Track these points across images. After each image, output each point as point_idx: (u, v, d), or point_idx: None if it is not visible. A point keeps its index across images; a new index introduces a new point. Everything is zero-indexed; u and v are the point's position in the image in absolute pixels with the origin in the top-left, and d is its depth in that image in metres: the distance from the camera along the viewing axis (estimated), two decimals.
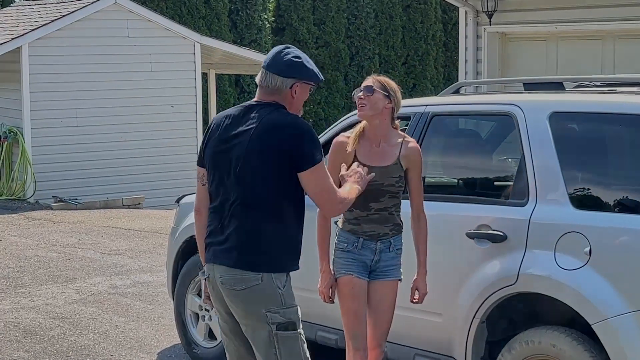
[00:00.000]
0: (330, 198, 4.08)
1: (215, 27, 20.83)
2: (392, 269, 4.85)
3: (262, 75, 4.11)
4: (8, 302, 8.20)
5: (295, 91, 4.10)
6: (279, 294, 3.96)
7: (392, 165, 4.75)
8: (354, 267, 4.79)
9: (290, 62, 4.09)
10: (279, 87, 4.08)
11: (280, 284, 3.98)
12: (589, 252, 4.46)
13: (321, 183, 4.02)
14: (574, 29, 11.64)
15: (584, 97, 5.03)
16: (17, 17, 17.61)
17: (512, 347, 4.75)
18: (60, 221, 13.25)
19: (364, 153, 4.76)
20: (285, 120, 4.01)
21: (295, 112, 4.13)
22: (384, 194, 4.75)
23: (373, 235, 4.77)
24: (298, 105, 4.15)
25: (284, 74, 4.08)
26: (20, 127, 15.51)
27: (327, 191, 4.05)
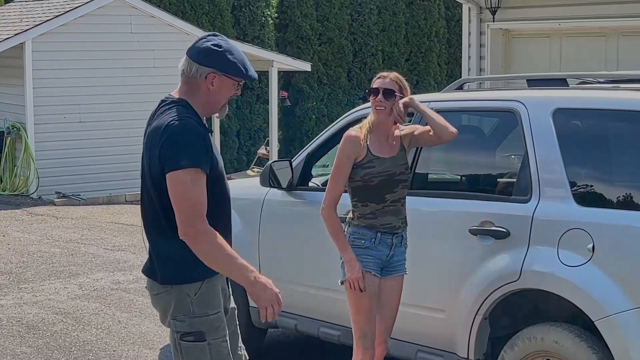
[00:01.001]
0: (190, 215, 3.54)
1: (218, 23, 20.80)
2: (402, 264, 4.93)
3: (183, 61, 3.76)
4: (11, 298, 8.21)
5: (212, 83, 3.69)
6: (188, 302, 3.67)
7: (400, 154, 4.89)
8: (370, 264, 4.81)
9: (209, 50, 3.69)
10: (193, 75, 3.69)
11: (191, 292, 3.68)
12: (592, 248, 4.46)
13: (181, 193, 3.54)
14: (577, 26, 11.62)
15: (587, 94, 5.03)
16: (21, 12, 17.60)
17: (514, 343, 4.75)
18: (63, 217, 13.26)
19: (376, 146, 4.85)
20: (163, 123, 3.61)
21: (212, 108, 3.77)
22: (397, 184, 4.84)
23: (390, 228, 4.82)
24: (216, 101, 3.74)
25: (200, 61, 3.68)
26: (24, 122, 15.51)
27: (187, 206, 3.54)
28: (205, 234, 3.55)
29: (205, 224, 3.56)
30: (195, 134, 3.59)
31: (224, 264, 3.61)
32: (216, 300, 3.74)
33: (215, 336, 3.72)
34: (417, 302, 5.19)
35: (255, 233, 6.20)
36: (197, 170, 3.55)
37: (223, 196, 3.79)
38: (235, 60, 3.70)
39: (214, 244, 3.57)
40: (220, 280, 3.80)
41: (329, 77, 22.76)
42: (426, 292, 5.16)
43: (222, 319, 3.76)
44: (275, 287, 3.66)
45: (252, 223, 6.21)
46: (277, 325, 6.26)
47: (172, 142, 3.56)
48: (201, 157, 3.57)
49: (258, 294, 3.63)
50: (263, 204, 6.19)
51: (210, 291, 3.72)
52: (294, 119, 22.64)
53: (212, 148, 3.68)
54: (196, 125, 3.62)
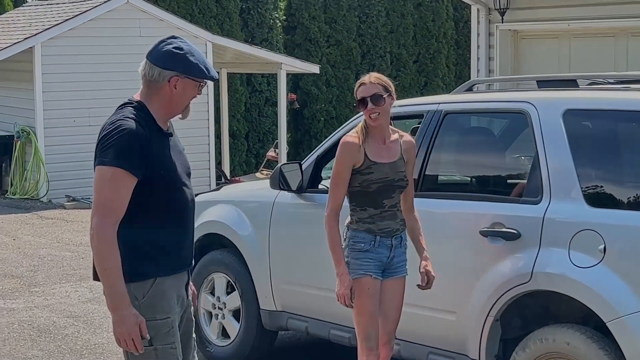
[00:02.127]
0: (97, 208, 3.59)
1: (226, 26, 20.83)
2: (402, 265, 4.90)
3: (143, 64, 3.77)
4: (22, 301, 8.23)
5: (175, 86, 3.72)
6: (137, 306, 3.63)
7: (399, 160, 4.83)
8: (371, 267, 4.78)
9: (171, 53, 3.72)
10: (156, 79, 3.72)
11: (139, 295, 3.66)
12: (603, 249, 4.45)
13: (97, 187, 3.62)
14: (586, 27, 11.60)
15: (597, 95, 5.02)
16: (30, 17, 17.66)
17: (526, 345, 4.74)
18: (73, 220, 13.29)
19: (373, 151, 4.79)
20: (105, 123, 3.72)
21: (174, 110, 3.78)
22: (394, 190, 4.80)
23: (388, 231, 4.80)
24: (179, 102, 3.76)
25: (162, 64, 3.71)
26: (33, 126, 15.56)
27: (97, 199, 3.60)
28: (100, 236, 3.56)
29: (107, 226, 3.57)
30: (128, 136, 3.61)
31: (103, 275, 3.59)
32: (166, 304, 3.73)
33: (163, 342, 3.71)
34: (427, 304, 5.19)
35: (265, 236, 6.20)
36: (120, 170, 3.59)
37: (176, 204, 3.77)
38: (197, 61, 3.73)
39: (103, 251, 3.56)
40: (174, 287, 3.78)
41: (337, 79, 22.76)
42: (437, 293, 5.14)
43: (171, 325, 3.73)
44: (133, 329, 3.56)
45: (262, 226, 6.21)
46: (288, 328, 6.26)
47: (103, 140, 3.64)
48: (129, 159, 3.59)
49: (114, 323, 3.61)
50: (273, 206, 6.19)
51: (159, 295, 3.72)
52: (302, 121, 22.65)
53: (159, 152, 3.69)
54: (133, 127, 3.64)
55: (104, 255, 3.57)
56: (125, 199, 3.61)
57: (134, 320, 3.58)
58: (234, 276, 6.38)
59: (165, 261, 3.74)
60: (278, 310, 6.21)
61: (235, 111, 21.16)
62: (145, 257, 3.69)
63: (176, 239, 3.78)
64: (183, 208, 3.80)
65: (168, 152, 3.76)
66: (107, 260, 3.56)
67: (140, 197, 3.65)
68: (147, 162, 3.64)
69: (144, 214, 3.69)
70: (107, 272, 3.57)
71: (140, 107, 3.74)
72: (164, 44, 3.76)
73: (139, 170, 3.62)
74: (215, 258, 6.51)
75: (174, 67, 3.71)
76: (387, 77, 4.85)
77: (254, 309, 6.30)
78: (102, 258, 3.57)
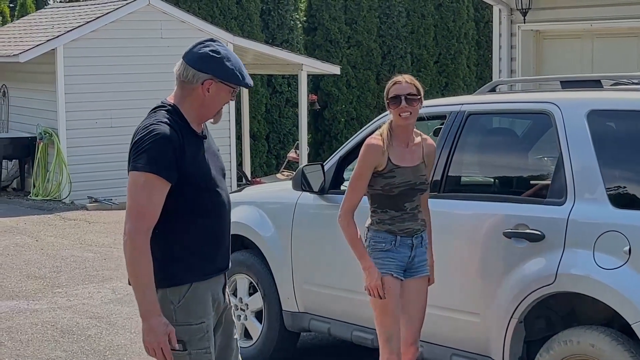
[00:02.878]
0: (130, 214, 3.57)
1: (247, 27, 20.86)
2: (424, 265, 4.91)
3: (178, 65, 3.74)
4: (45, 302, 8.27)
5: (208, 89, 3.68)
6: (172, 310, 3.63)
7: (421, 164, 4.84)
8: (392, 266, 4.79)
9: (207, 56, 3.67)
10: (189, 80, 3.68)
11: (174, 299, 3.65)
12: (628, 251, 4.42)
13: (130, 193, 3.59)
14: (609, 27, 11.54)
15: (622, 95, 4.98)
16: (52, 19, 17.75)
17: (550, 347, 4.71)
18: (95, 221, 13.35)
19: (396, 154, 4.78)
20: (138, 127, 3.69)
21: (206, 114, 3.75)
22: (416, 193, 4.81)
23: (409, 231, 4.81)
24: (211, 106, 3.73)
25: (198, 66, 3.67)
26: (56, 128, 15.64)
27: (130, 205, 3.58)
28: (133, 243, 3.54)
29: (139, 232, 3.54)
30: (162, 141, 3.59)
31: (134, 282, 3.58)
32: (200, 309, 3.71)
33: (197, 347, 3.68)
34: (451, 306, 5.17)
35: (287, 237, 6.20)
36: (153, 176, 3.56)
37: (211, 207, 3.75)
38: (233, 67, 3.69)
39: (135, 258, 3.55)
40: (210, 291, 3.75)
41: (357, 80, 22.74)
42: (461, 295, 5.13)
43: (205, 329, 3.71)
44: (162, 338, 3.53)
45: (284, 227, 6.21)
46: (310, 329, 6.26)
47: (137, 145, 3.62)
48: (162, 164, 3.57)
49: (143, 331, 3.59)
50: (295, 207, 6.18)
51: (195, 300, 3.69)
52: (323, 122, 22.64)
53: (192, 156, 3.66)
54: (167, 132, 3.61)
55: (136, 262, 3.55)
56: (159, 205, 3.59)
57: (164, 329, 3.55)
58: (256, 277, 6.38)
59: (200, 266, 3.71)
60: (300, 312, 6.20)
61: (256, 112, 21.18)
62: (180, 262, 3.67)
63: (212, 243, 3.75)
64: (218, 211, 3.78)
65: (202, 155, 3.73)
66: (139, 267, 3.55)
67: (175, 202, 3.63)
68: (181, 167, 3.62)
69: (179, 218, 3.66)
70: (138, 279, 3.56)
71: (173, 110, 3.71)
72: (201, 45, 3.72)
73: (172, 175, 3.60)
74: (238, 259, 6.51)
75: (209, 70, 3.67)
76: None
77: (276, 310, 6.30)
78: (134, 265, 3.56)
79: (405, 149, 4.80)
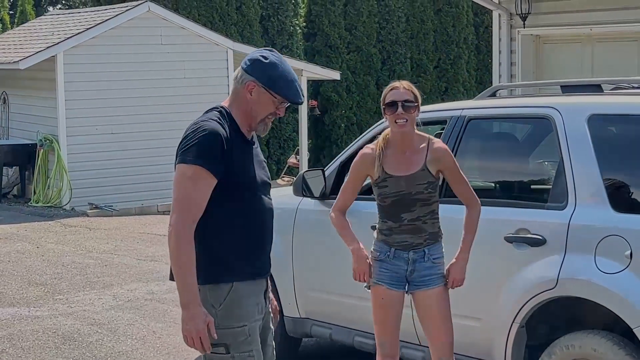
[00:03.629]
0: (175, 206, 3.60)
1: (247, 33, 20.88)
2: (430, 278, 4.68)
3: (237, 70, 3.82)
4: (46, 309, 8.27)
5: (250, 92, 3.72)
6: (213, 313, 3.65)
7: (419, 172, 4.61)
8: (385, 277, 4.70)
9: (256, 59, 3.72)
10: (238, 81, 3.75)
11: (215, 302, 3.67)
12: (629, 255, 4.42)
13: (177, 185, 3.62)
14: (609, 31, 11.54)
15: (622, 99, 4.99)
16: (52, 26, 17.77)
17: (552, 351, 4.71)
18: (96, 228, 13.35)
19: (390, 163, 4.66)
20: (189, 124, 3.74)
21: (250, 119, 3.75)
22: (414, 203, 4.63)
23: (405, 245, 4.66)
24: (254, 112, 3.74)
25: (245, 67, 3.73)
26: (56, 134, 15.64)
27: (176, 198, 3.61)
28: (178, 233, 3.57)
29: (185, 223, 3.58)
30: (211, 136, 3.62)
31: (177, 271, 3.60)
32: (242, 312, 3.71)
33: (240, 350, 3.69)
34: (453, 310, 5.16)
35: (288, 242, 6.20)
36: (201, 169, 3.60)
37: (255, 210, 3.76)
38: (277, 75, 3.70)
39: (179, 247, 3.57)
40: (253, 294, 3.75)
41: (357, 86, 22.75)
42: (462, 300, 5.13)
43: (248, 332, 3.71)
44: (201, 327, 3.56)
45: (285, 233, 6.21)
46: (312, 335, 6.26)
47: (186, 140, 3.66)
48: (210, 158, 3.61)
49: (183, 320, 3.61)
50: (296, 213, 6.19)
51: (236, 303, 3.70)
52: (323, 128, 22.65)
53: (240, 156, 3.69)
54: (216, 128, 3.65)
55: (179, 251, 3.57)
56: (205, 198, 3.62)
57: (203, 318, 3.58)
58: None
59: (241, 267, 3.72)
60: (302, 317, 6.20)
61: None
62: (221, 261, 3.69)
63: (253, 245, 3.77)
64: (261, 215, 3.79)
65: (249, 159, 3.77)
66: (182, 257, 3.57)
67: (219, 200, 3.65)
68: (228, 164, 3.65)
69: (222, 217, 3.69)
70: (181, 269, 3.58)
71: (225, 112, 3.76)
72: (257, 51, 3.79)
73: (219, 170, 3.63)
74: None
75: (253, 73, 3.71)
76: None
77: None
78: (178, 254, 3.58)
79: (401, 157, 4.65)
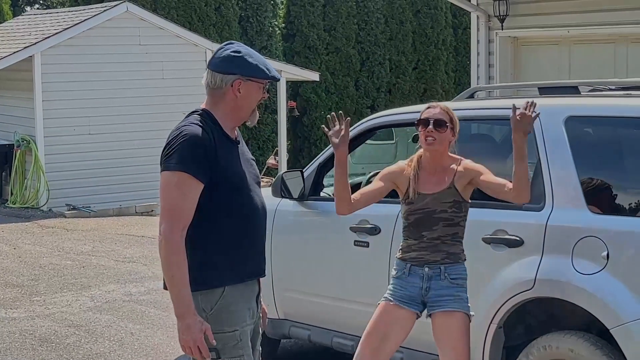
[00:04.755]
0: (164, 214, 3.58)
1: (226, 33, 20.85)
2: (449, 300, 4.53)
3: (205, 75, 3.74)
4: (23, 310, 8.22)
5: (239, 90, 3.69)
6: (204, 317, 3.61)
7: (445, 191, 4.56)
8: (397, 294, 4.62)
9: (230, 57, 3.69)
10: (219, 86, 3.68)
11: (206, 307, 3.64)
12: (606, 256, 4.45)
13: (163, 193, 3.60)
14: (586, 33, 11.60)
15: (599, 101, 5.02)
16: (29, 26, 17.67)
17: (529, 352, 4.73)
18: (73, 229, 13.28)
19: (420, 182, 4.61)
20: (171, 130, 3.70)
21: (241, 115, 3.74)
22: (437, 222, 4.55)
23: (420, 261, 4.57)
24: (246, 107, 3.74)
25: (223, 69, 3.68)
26: (33, 135, 15.56)
27: (164, 206, 3.59)
28: (168, 242, 3.55)
29: (175, 231, 3.55)
30: (191, 140, 3.59)
31: (170, 282, 3.57)
32: (233, 317, 3.68)
33: (231, 355, 3.67)
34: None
35: (267, 243, 6.18)
36: (185, 175, 3.56)
37: (244, 211, 3.72)
38: (257, 62, 3.70)
39: (170, 258, 3.54)
40: (244, 297, 3.72)
41: (336, 87, 22.78)
42: None
43: (239, 337, 3.68)
44: (198, 336, 3.53)
45: None
46: (291, 336, 6.25)
47: (168, 146, 3.62)
48: (194, 163, 3.56)
49: (179, 330, 3.59)
50: (275, 214, 6.18)
51: (227, 307, 3.67)
52: (302, 129, 22.66)
53: (225, 158, 3.65)
54: (198, 132, 3.61)
55: (171, 262, 3.55)
56: (193, 204, 3.58)
57: (199, 327, 3.55)
58: None
59: (232, 270, 3.69)
60: (280, 318, 6.20)
61: None
62: (212, 265, 3.65)
63: (244, 247, 3.72)
64: (252, 215, 3.75)
65: (236, 159, 3.73)
66: (174, 267, 3.55)
67: (207, 203, 3.62)
68: (213, 167, 3.61)
69: (211, 221, 3.65)
70: (174, 279, 3.55)
71: (206, 114, 3.71)
72: (221, 50, 3.73)
73: (204, 175, 3.59)
74: None
75: (235, 70, 3.68)
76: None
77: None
78: (169, 265, 3.55)
79: (430, 177, 4.60)
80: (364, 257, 5.56)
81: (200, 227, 3.63)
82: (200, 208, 3.61)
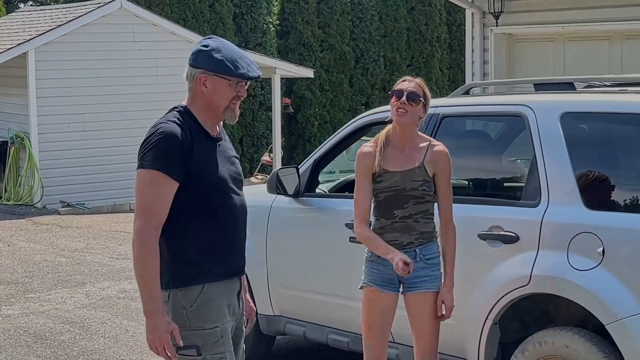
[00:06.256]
0: (138, 212, 3.55)
1: (220, 30, 20.81)
2: (424, 280, 4.58)
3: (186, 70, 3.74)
4: (18, 307, 8.20)
5: (205, 84, 3.63)
6: (184, 315, 3.60)
7: (415, 169, 4.55)
8: (376, 277, 4.63)
9: (196, 50, 3.65)
10: (189, 79, 3.67)
11: (187, 304, 3.61)
12: (602, 252, 4.45)
13: (137, 190, 3.57)
14: (580, 30, 11.61)
15: (595, 97, 5.02)
16: (23, 22, 17.63)
17: (525, 348, 4.73)
18: (68, 226, 13.26)
19: (388, 159, 4.59)
20: (150, 127, 3.66)
21: (214, 112, 3.67)
22: (407, 200, 4.55)
23: (395, 244, 4.56)
24: (215, 103, 3.65)
25: (191, 63, 3.65)
26: (27, 132, 15.53)
27: (138, 204, 3.56)
28: (141, 240, 3.52)
29: (148, 229, 3.52)
30: (167, 138, 3.55)
31: (140, 281, 3.55)
32: (214, 314, 3.66)
33: (212, 352, 3.64)
34: None
35: (262, 240, 6.19)
36: (159, 173, 3.53)
37: (223, 209, 3.68)
38: (223, 58, 3.61)
39: (142, 257, 3.52)
40: (224, 295, 3.70)
41: (330, 84, 22.77)
42: None
43: (219, 334, 3.66)
44: (164, 336, 3.51)
45: (259, 230, 6.19)
46: (286, 333, 6.25)
47: (144, 143, 3.59)
48: (168, 161, 3.53)
49: (146, 329, 3.56)
50: (270, 211, 6.18)
51: (207, 304, 3.65)
52: (296, 126, 22.65)
53: (202, 156, 3.61)
54: (173, 130, 3.57)
55: (142, 260, 3.52)
56: (167, 203, 3.56)
57: (166, 327, 3.52)
58: None
59: (211, 268, 3.65)
60: (275, 315, 6.19)
61: None
62: (190, 263, 3.62)
63: (223, 245, 3.69)
64: (230, 213, 3.70)
65: (213, 157, 3.67)
66: (146, 266, 3.52)
67: (184, 201, 3.59)
68: (189, 165, 3.57)
69: (189, 218, 3.62)
70: (144, 278, 3.53)
71: (184, 111, 3.68)
72: (197, 44, 3.70)
73: (179, 174, 3.56)
74: None
75: (199, 64, 3.64)
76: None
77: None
78: (141, 263, 3.53)
79: (400, 153, 4.59)
80: (360, 254, 5.55)
81: (178, 225, 3.61)
82: (177, 206, 3.58)
